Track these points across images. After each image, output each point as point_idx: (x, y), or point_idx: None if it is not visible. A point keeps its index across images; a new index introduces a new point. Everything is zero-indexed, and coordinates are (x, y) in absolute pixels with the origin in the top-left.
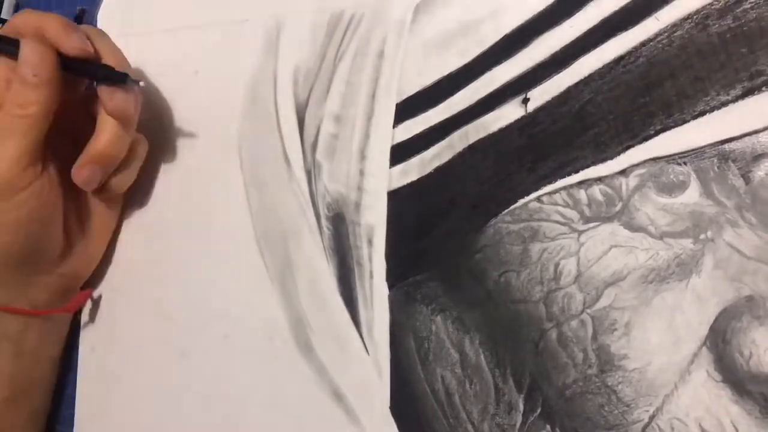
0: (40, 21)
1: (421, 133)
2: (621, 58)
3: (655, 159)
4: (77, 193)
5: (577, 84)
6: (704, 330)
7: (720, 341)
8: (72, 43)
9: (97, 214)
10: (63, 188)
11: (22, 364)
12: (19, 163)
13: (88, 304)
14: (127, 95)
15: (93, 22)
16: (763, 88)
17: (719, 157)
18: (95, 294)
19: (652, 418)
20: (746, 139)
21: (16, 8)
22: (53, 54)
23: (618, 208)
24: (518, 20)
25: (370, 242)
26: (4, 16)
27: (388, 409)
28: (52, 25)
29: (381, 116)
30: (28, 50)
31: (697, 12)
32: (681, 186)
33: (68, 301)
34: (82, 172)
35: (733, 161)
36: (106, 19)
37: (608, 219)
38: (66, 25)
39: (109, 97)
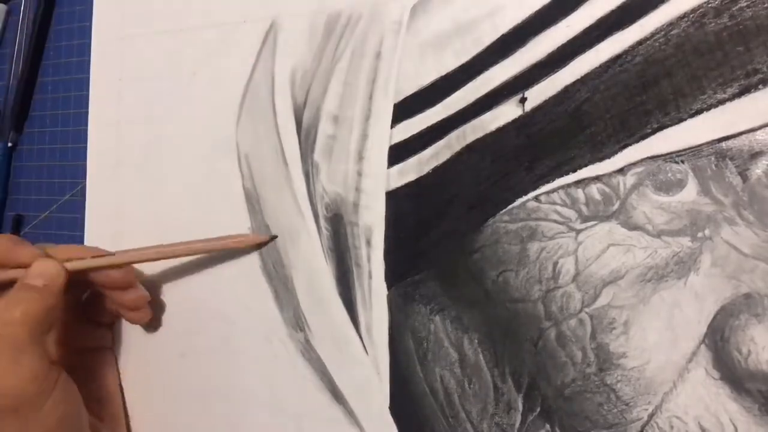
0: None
1: (418, 133)
2: (618, 57)
3: (652, 157)
4: (87, 380)
5: (574, 83)
6: (702, 328)
7: (718, 339)
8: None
9: (109, 387)
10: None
11: None
12: (36, 376)
13: None
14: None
15: (88, 28)
16: (760, 86)
17: (716, 155)
18: None
19: (651, 416)
20: (743, 136)
21: (7, 16)
22: (63, 267)
23: (616, 206)
24: (515, 20)
25: (368, 242)
26: None
27: (388, 409)
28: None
29: (378, 117)
30: (38, 264)
31: (694, 10)
32: (678, 184)
33: None
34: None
35: (731, 159)
36: (101, 20)
37: (606, 218)
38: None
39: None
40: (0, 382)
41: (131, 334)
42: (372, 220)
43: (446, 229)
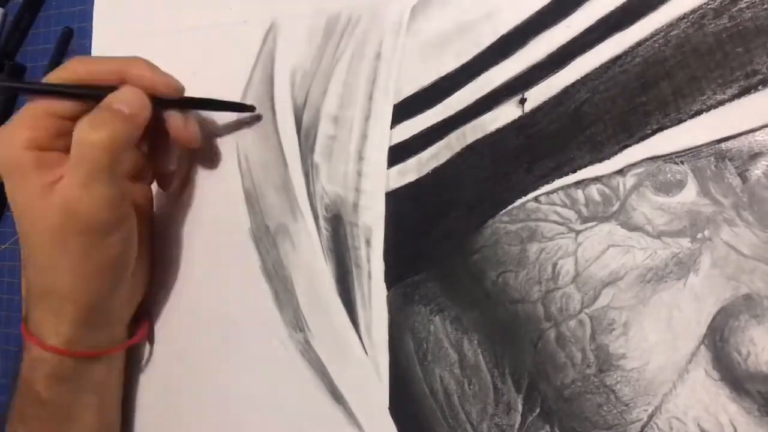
0: (124, 65)
1: (418, 133)
2: (617, 57)
3: (652, 158)
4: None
5: (573, 84)
6: (702, 329)
7: (718, 340)
8: (167, 82)
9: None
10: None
11: (105, 414)
12: (109, 204)
13: None
14: (193, 121)
15: (88, 29)
16: (759, 87)
17: (716, 156)
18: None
19: (650, 417)
20: (743, 137)
21: (4, 18)
22: (147, 97)
23: (615, 207)
24: (515, 20)
25: (368, 243)
26: None
27: (387, 410)
28: (140, 67)
29: (378, 117)
30: (126, 91)
31: (693, 11)
32: (678, 185)
33: (134, 333)
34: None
35: (730, 160)
36: (101, 20)
37: (606, 218)
38: (155, 68)
39: (184, 125)
40: (73, 204)
41: None
42: (372, 221)
43: (446, 230)
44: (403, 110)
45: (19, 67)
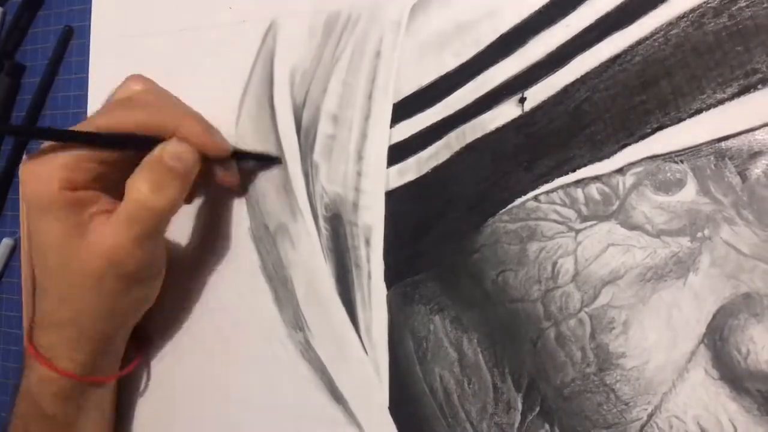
0: (177, 121)
1: (418, 133)
2: (617, 56)
3: (651, 157)
4: None
5: (573, 83)
6: (702, 328)
7: (718, 339)
8: (218, 145)
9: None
10: None
11: (105, 427)
12: (157, 256)
13: None
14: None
15: (87, 28)
16: (759, 86)
17: (716, 154)
18: None
19: (650, 416)
20: (742, 136)
21: (3, 17)
22: (197, 153)
23: (615, 206)
24: (514, 19)
25: (368, 243)
26: None
27: (387, 409)
28: (193, 126)
29: (378, 116)
30: (178, 146)
31: (693, 10)
32: (678, 184)
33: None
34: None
35: (730, 159)
36: (100, 20)
37: (605, 217)
38: (208, 127)
39: (224, 173)
40: (120, 256)
41: None
42: (371, 220)
43: (446, 229)
44: (403, 109)
45: (19, 66)
